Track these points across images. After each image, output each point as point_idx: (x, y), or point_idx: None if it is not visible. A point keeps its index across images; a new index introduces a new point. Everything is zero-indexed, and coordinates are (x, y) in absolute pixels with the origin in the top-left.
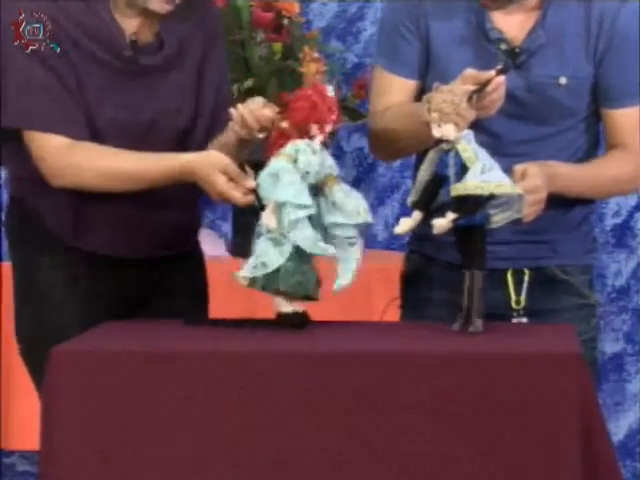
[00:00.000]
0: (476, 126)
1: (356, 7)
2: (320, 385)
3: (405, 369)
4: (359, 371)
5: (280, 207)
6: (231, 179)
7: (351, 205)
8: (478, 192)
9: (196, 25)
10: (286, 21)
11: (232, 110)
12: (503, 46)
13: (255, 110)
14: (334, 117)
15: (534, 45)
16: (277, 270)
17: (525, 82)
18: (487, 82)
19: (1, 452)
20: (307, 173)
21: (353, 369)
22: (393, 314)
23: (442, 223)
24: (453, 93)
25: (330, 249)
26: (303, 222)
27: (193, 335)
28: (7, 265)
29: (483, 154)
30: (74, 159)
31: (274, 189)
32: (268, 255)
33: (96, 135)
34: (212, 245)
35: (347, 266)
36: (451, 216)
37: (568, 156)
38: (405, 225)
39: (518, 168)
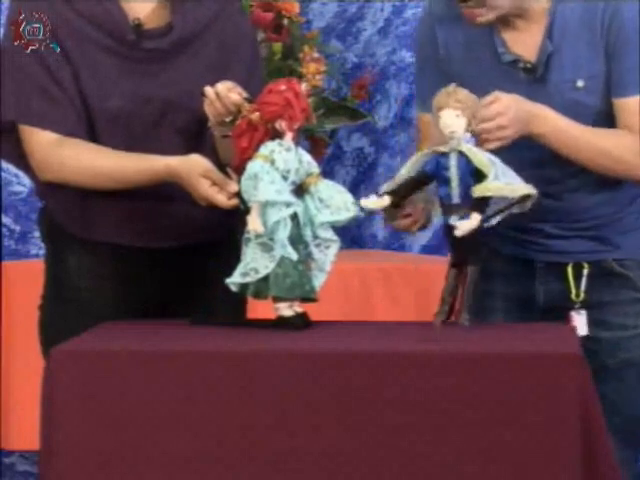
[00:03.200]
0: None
1: (356, 7)
2: (320, 385)
3: (405, 369)
4: (359, 371)
5: (264, 208)
6: (214, 183)
7: (339, 200)
8: (508, 194)
9: (215, 15)
10: (286, 21)
11: (206, 88)
12: (520, 65)
13: (221, 92)
14: (306, 118)
15: (545, 56)
16: (267, 276)
17: (546, 93)
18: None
19: (1, 452)
20: (288, 172)
21: (353, 369)
22: (393, 314)
23: (470, 225)
24: (473, 95)
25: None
26: (285, 223)
27: (193, 335)
28: (7, 265)
29: (487, 155)
30: (60, 156)
31: (255, 191)
32: (257, 261)
33: (102, 126)
34: None
35: (322, 267)
36: (477, 217)
37: None
38: (374, 203)
39: (490, 97)
